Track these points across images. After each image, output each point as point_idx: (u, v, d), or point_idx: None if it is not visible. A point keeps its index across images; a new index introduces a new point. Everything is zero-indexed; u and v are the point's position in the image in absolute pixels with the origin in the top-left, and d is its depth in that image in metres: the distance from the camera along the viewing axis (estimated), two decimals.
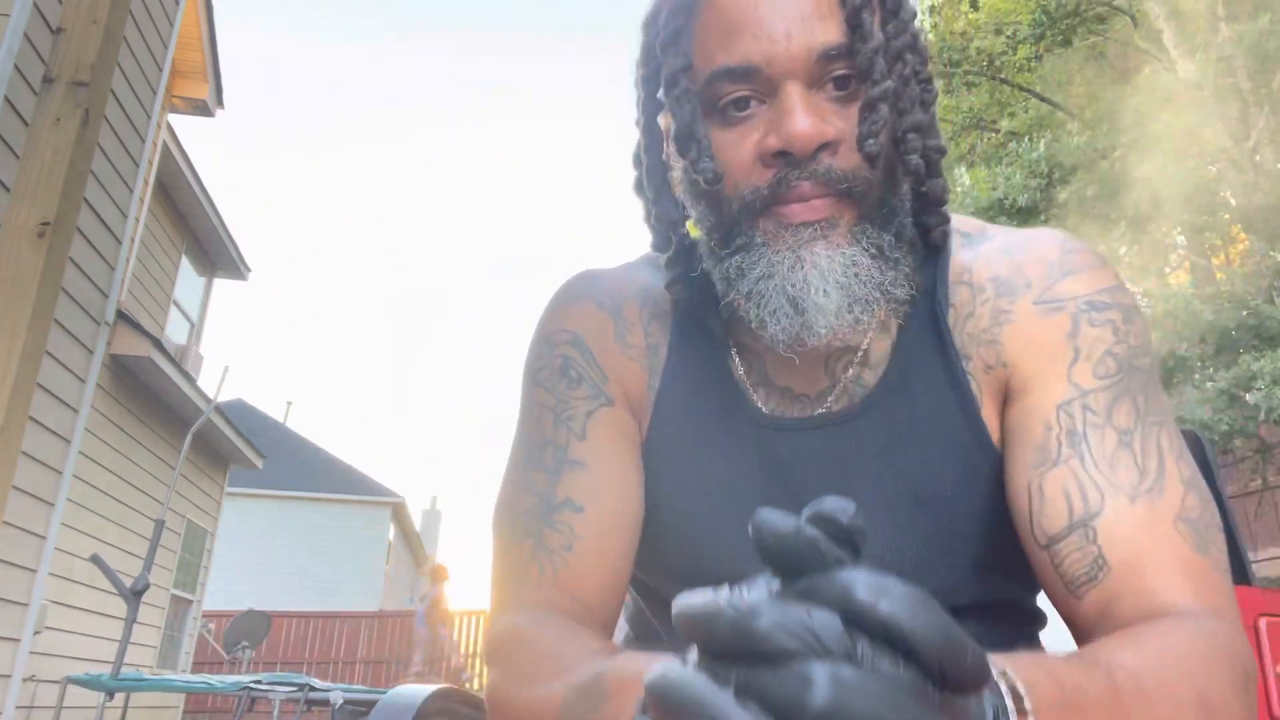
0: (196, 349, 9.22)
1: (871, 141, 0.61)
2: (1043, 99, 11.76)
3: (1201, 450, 4.29)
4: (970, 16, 12.44)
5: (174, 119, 8.09)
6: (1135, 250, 10.18)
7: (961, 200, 10.88)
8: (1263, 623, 3.43)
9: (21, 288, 2.05)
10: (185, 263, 9.00)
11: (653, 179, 0.73)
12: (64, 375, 4.83)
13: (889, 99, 0.62)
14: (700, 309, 0.76)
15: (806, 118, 0.62)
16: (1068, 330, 0.67)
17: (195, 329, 9.56)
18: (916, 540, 0.68)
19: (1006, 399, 0.68)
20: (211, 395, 6.84)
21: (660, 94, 0.69)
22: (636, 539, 0.72)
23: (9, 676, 4.75)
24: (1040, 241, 0.72)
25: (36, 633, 4.98)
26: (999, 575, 0.70)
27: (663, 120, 0.72)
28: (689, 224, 0.74)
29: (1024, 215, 9.70)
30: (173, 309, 8.68)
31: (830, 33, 0.62)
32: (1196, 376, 7.94)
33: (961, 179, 11.32)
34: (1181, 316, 7.96)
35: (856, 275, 0.63)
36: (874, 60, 0.62)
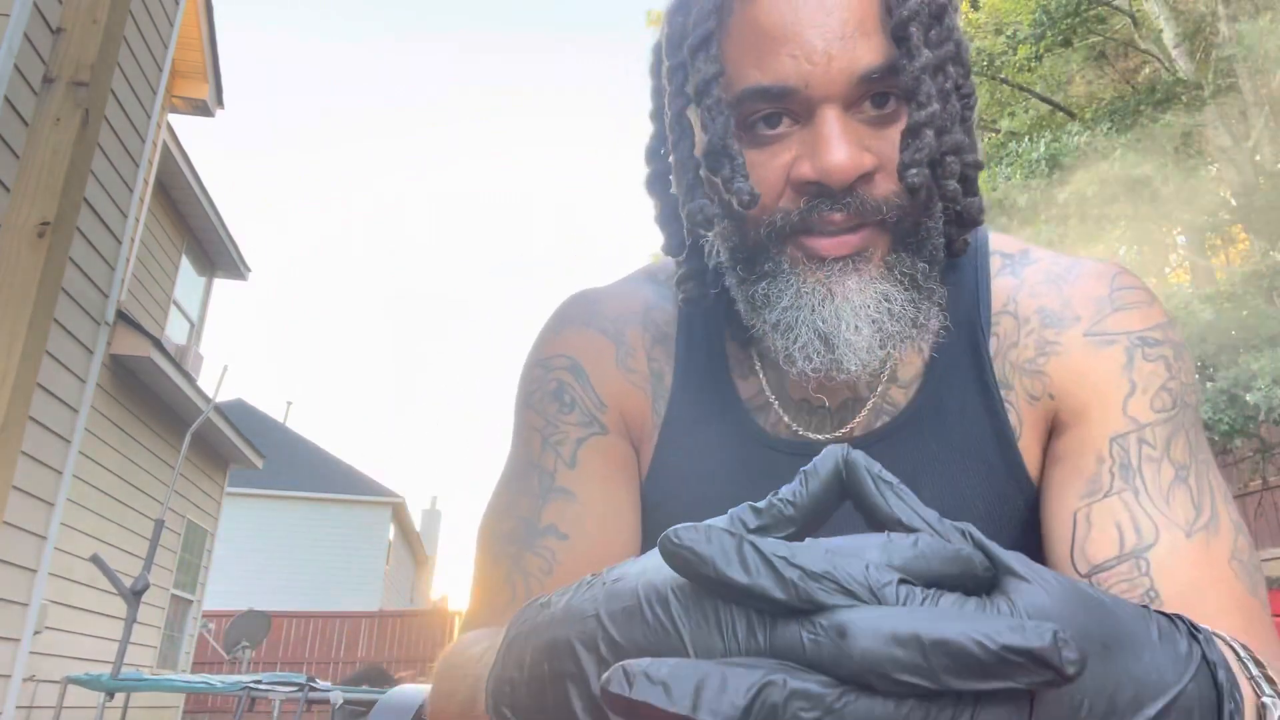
0: (196, 349, 9.22)
1: (914, 171, 0.57)
2: (1043, 99, 11.76)
3: None
4: (970, 16, 12.45)
5: (174, 119, 8.09)
6: (1135, 250, 10.18)
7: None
8: None
9: (21, 288, 2.05)
10: (185, 263, 9.00)
11: (684, 175, 0.66)
12: (64, 375, 4.83)
13: (934, 123, 0.58)
14: (713, 319, 0.74)
15: (844, 147, 0.58)
16: (1122, 364, 0.64)
17: (195, 329, 9.56)
18: None
19: (1053, 431, 0.66)
20: (211, 395, 6.83)
21: (689, 88, 0.63)
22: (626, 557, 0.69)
23: (9, 676, 4.75)
24: (1090, 274, 0.69)
25: (36, 633, 4.98)
26: None
27: (688, 114, 0.66)
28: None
29: (1025, 215, 9.70)
30: (173, 309, 8.68)
31: (874, 52, 0.58)
32: (1197, 376, 7.94)
33: None
34: (1181, 316, 7.96)
35: (889, 311, 0.61)
36: (919, 81, 0.58)
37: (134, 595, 4.60)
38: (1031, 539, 0.65)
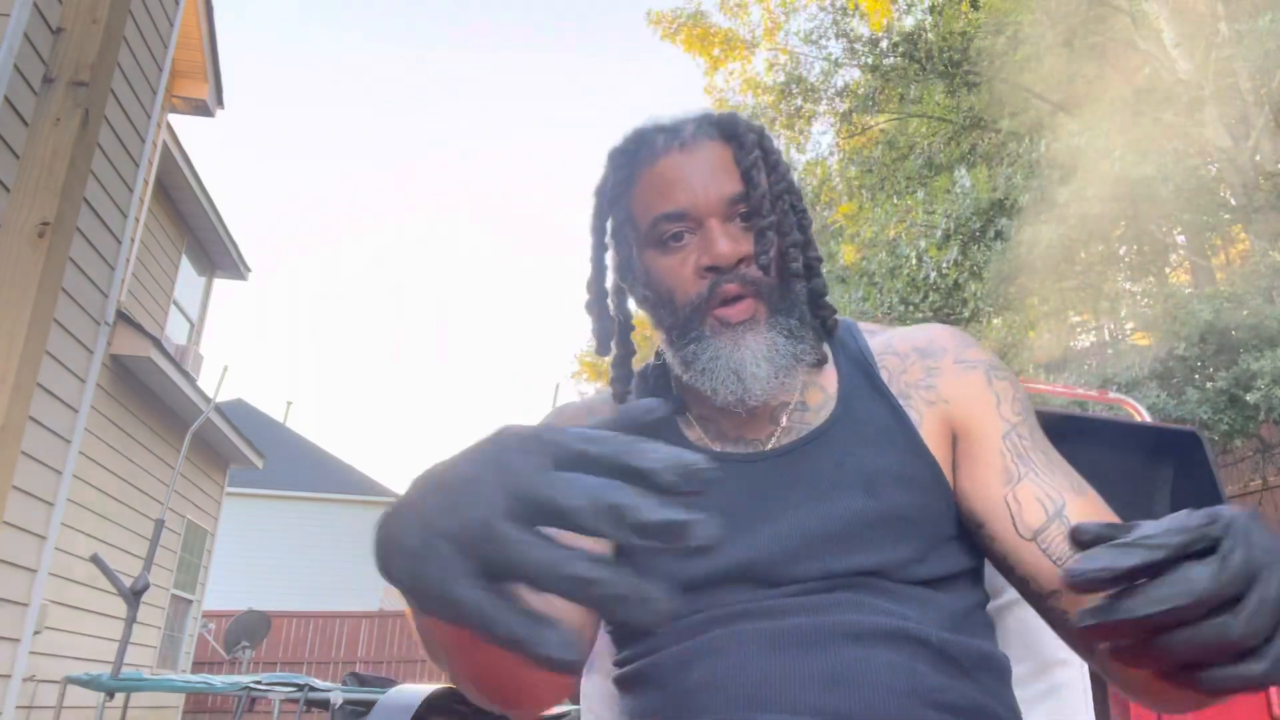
0: (196, 349, 9.22)
1: (763, 257, 0.87)
2: (1043, 99, 11.76)
3: (1201, 450, 4.27)
4: (970, 16, 12.45)
5: (174, 119, 8.10)
6: (1135, 250, 10.19)
7: (962, 201, 10.88)
8: None
9: (21, 288, 2.05)
10: (185, 263, 9.00)
11: (599, 304, 0.97)
12: (64, 375, 4.83)
13: (773, 228, 0.88)
14: (656, 392, 1.01)
15: (725, 241, 0.87)
16: (985, 383, 0.92)
17: (195, 329, 9.56)
18: (868, 524, 0.85)
19: (955, 434, 0.91)
20: (211, 395, 6.84)
21: (607, 239, 0.96)
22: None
23: (9, 676, 4.75)
24: (939, 328, 0.99)
25: (36, 633, 4.98)
26: (943, 554, 0.88)
27: (609, 257, 0.97)
28: (631, 333, 0.99)
29: (1025, 215, 9.70)
30: (173, 309, 8.68)
31: (734, 184, 0.89)
32: (1197, 377, 7.94)
33: (962, 179, 11.32)
34: (1181, 316, 7.96)
35: (778, 351, 0.88)
36: (761, 201, 0.88)
37: (134, 595, 4.61)
38: (939, 503, 0.88)
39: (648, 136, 0.93)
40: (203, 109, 8.19)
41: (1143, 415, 4.57)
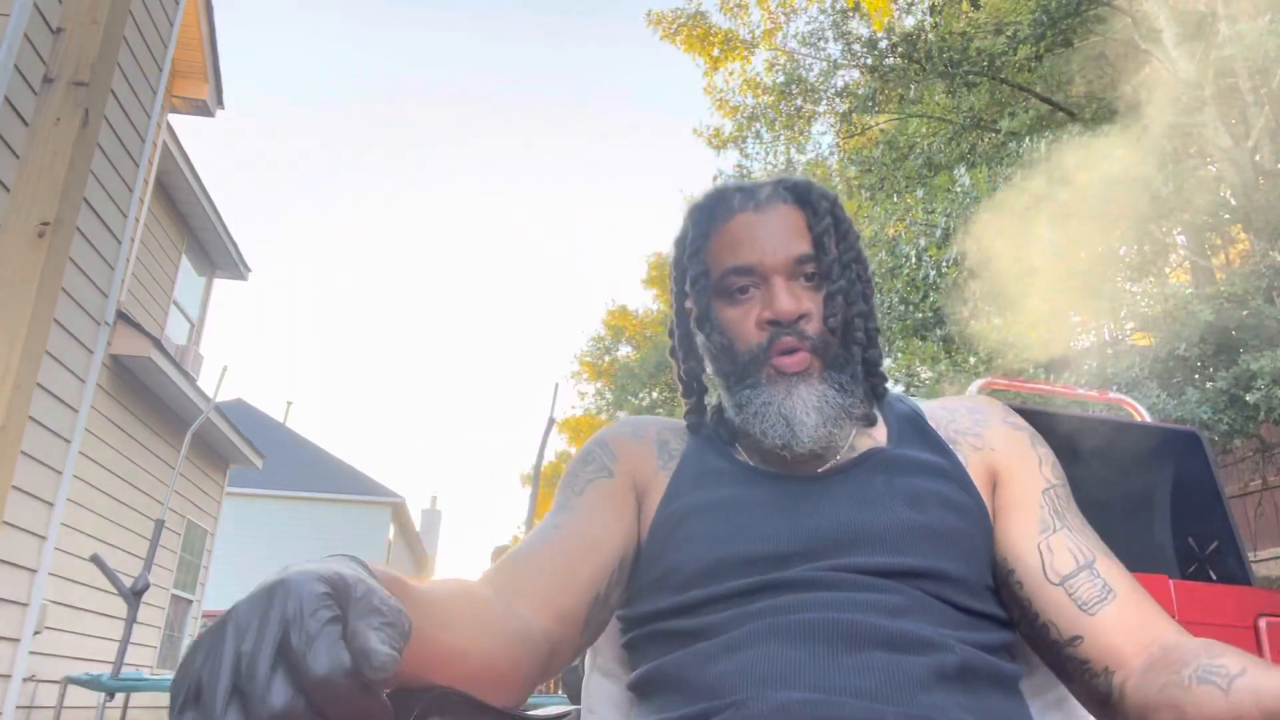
0: (196, 349, 9.22)
1: (832, 319, 0.93)
2: (1043, 99, 11.75)
3: (1201, 450, 4.26)
4: (970, 16, 12.44)
5: (174, 119, 8.10)
6: (1135, 249, 10.18)
7: (962, 201, 10.87)
8: (1263, 623, 3.43)
9: (21, 288, 2.05)
10: (185, 263, 9.00)
11: (684, 345, 1.04)
12: (64, 375, 4.83)
13: (842, 292, 0.94)
14: (712, 428, 1.05)
15: (787, 298, 0.92)
16: (1029, 443, 0.99)
17: (195, 329, 9.56)
18: (914, 532, 0.88)
19: (996, 481, 0.97)
20: (211, 395, 6.83)
21: (687, 288, 1.01)
22: (600, 564, 0.91)
23: (9, 676, 4.76)
24: (983, 398, 1.06)
25: (36, 633, 4.98)
26: (980, 597, 0.90)
27: (688, 304, 1.03)
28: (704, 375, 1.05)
29: (1025, 214, 9.69)
30: (173, 309, 8.68)
31: (802, 245, 0.95)
32: (1197, 377, 7.93)
33: (962, 179, 11.31)
34: (1181, 316, 7.95)
35: (828, 403, 0.92)
36: (832, 267, 0.94)
37: (134, 595, 4.60)
38: (977, 529, 0.92)
39: (726, 196, 1.00)
40: (203, 109, 8.19)
41: (1143, 415, 4.57)
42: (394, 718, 0.46)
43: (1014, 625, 0.91)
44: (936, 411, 1.03)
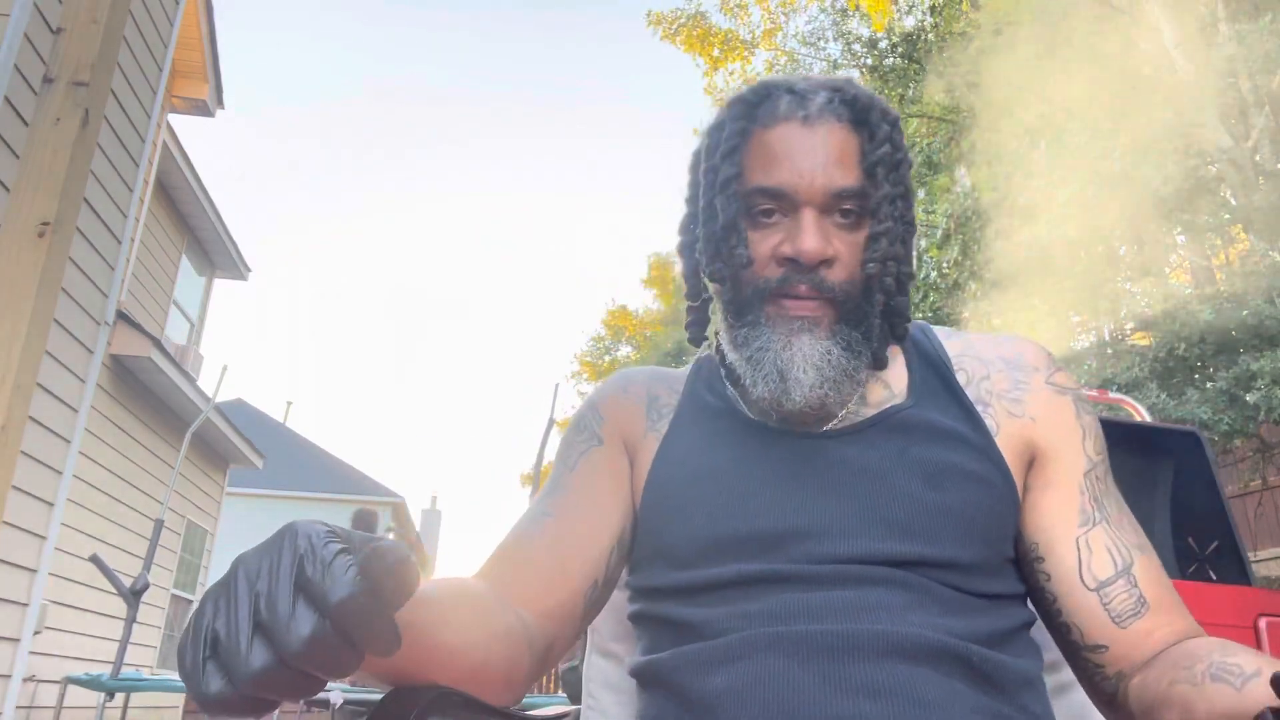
0: (196, 349, 9.22)
1: (872, 265, 0.82)
2: (1041, 99, 11.74)
3: (1201, 450, 4.27)
4: (971, 16, 12.44)
5: (174, 119, 8.10)
6: (1135, 249, 10.18)
7: (963, 200, 10.87)
8: (1263, 622, 3.42)
9: (21, 288, 2.05)
10: (185, 263, 9.00)
11: (709, 245, 0.88)
12: (64, 375, 4.83)
13: (886, 235, 0.83)
14: (716, 374, 0.96)
15: (816, 237, 0.81)
16: (1074, 413, 0.89)
17: (195, 329, 9.56)
18: (928, 513, 0.81)
19: (1034, 451, 0.87)
20: (211, 395, 6.83)
21: (716, 188, 0.87)
22: (595, 552, 0.86)
23: (9, 676, 4.75)
24: (1023, 339, 0.94)
25: (36, 633, 4.98)
26: (1001, 575, 0.85)
27: (715, 202, 0.88)
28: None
29: (1025, 214, 9.69)
30: (173, 309, 8.68)
31: (847, 178, 0.82)
32: (1197, 377, 7.93)
33: (962, 179, 11.31)
34: (1181, 316, 7.95)
35: (829, 362, 0.82)
36: (880, 204, 0.83)
37: (134, 595, 4.60)
38: (1004, 505, 0.85)
39: (774, 95, 0.86)
40: (203, 109, 8.19)
41: (1143, 415, 4.57)
42: (398, 637, 0.48)
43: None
44: (968, 362, 0.92)
